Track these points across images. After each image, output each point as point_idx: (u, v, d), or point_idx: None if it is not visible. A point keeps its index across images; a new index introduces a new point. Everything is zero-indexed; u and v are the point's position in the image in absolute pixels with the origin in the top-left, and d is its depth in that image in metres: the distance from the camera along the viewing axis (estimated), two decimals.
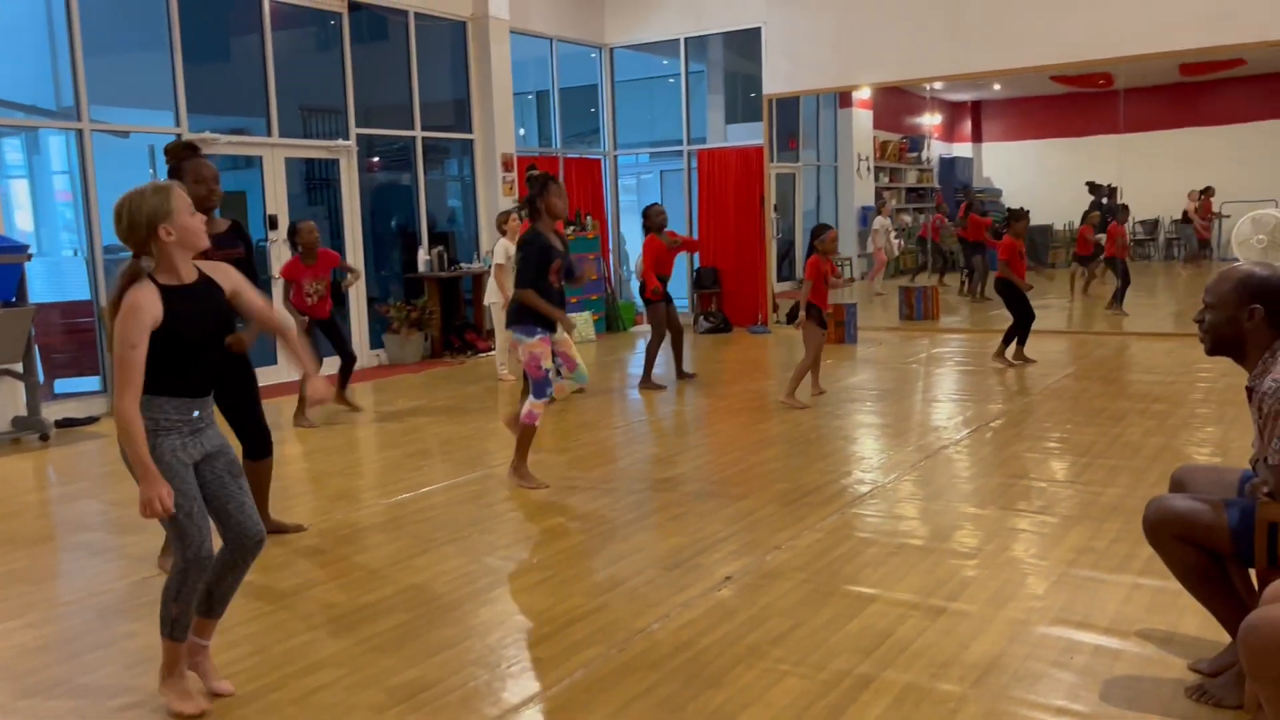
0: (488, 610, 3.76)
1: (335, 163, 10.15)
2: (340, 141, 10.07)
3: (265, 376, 9.27)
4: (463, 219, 12.03)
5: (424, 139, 10.93)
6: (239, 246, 4.48)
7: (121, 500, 5.50)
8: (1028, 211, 8.66)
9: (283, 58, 9.55)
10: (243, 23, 9.57)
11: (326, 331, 7.65)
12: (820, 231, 7.37)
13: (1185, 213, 12.76)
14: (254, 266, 4.58)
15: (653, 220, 8.42)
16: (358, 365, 8.18)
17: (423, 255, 10.82)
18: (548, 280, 5.24)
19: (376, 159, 11.23)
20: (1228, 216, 12.18)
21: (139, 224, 2.83)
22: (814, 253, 7.31)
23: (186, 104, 8.76)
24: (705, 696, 3.00)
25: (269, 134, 9.48)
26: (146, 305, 2.80)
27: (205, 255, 3.70)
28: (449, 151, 12.01)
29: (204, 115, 9.08)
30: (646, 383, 8.34)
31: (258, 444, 4.57)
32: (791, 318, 7.48)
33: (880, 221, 13.67)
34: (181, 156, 4.26)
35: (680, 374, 8.69)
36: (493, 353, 9.77)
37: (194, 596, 3.01)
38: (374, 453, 6.61)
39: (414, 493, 5.43)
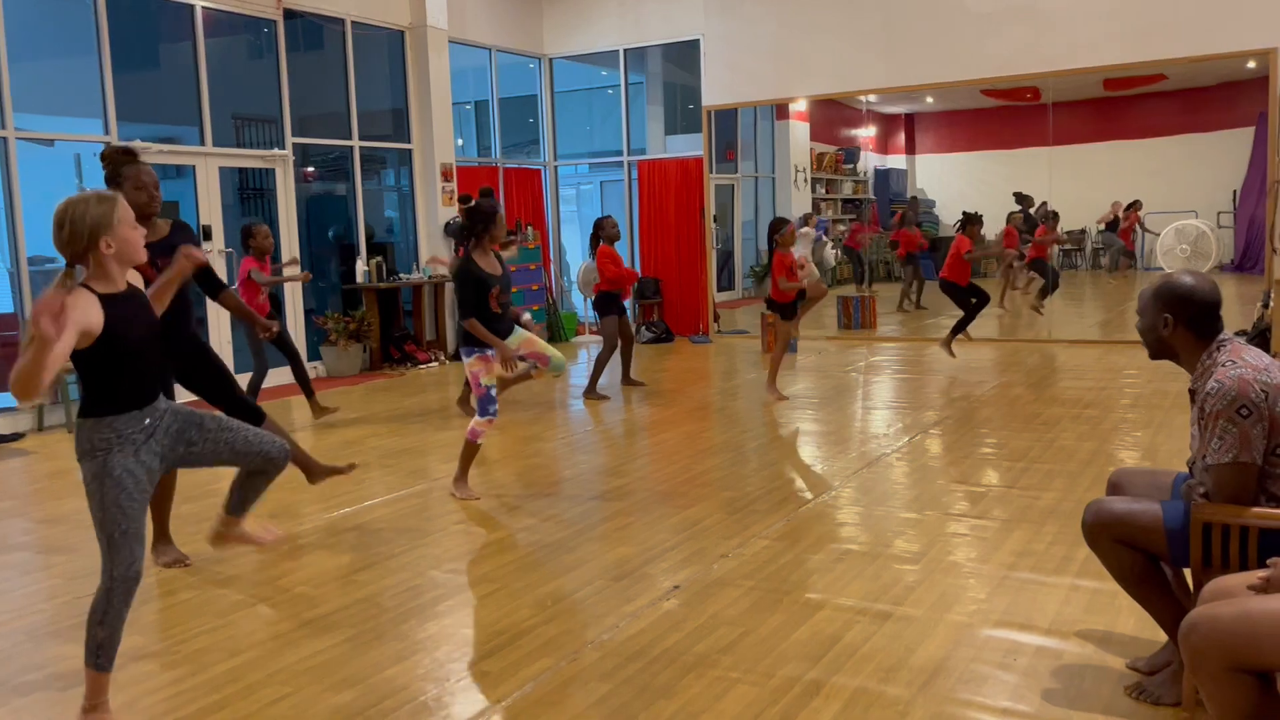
0: (435, 624, 3.72)
1: (270, 172, 10.00)
2: (276, 151, 9.92)
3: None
4: (401, 230, 11.92)
5: (361, 148, 10.82)
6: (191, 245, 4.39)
7: (50, 518, 5.34)
8: (980, 216, 9.04)
9: (216, 65, 9.38)
10: (174, 29, 9.38)
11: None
12: (779, 226, 7.47)
13: (1109, 221, 13.10)
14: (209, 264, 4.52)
15: (607, 231, 8.39)
16: (287, 380, 8.06)
17: (361, 266, 10.70)
18: (488, 307, 5.25)
19: (312, 169, 11.08)
20: (1152, 233, 12.58)
21: (80, 234, 2.77)
22: (775, 248, 7.45)
23: (116, 111, 8.55)
24: (657, 707, 3.00)
25: (202, 143, 9.30)
26: (82, 310, 2.73)
27: (156, 260, 3.70)
28: (386, 161, 11.90)
29: (134, 124, 8.88)
30: (591, 392, 8.33)
31: (250, 418, 4.40)
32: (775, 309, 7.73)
33: (806, 230, 13.83)
34: (120, 162, 4.17)
35: (627, 380, 8.71)
36: (433, 365, 9.69)
37: (121, 620, 2.91)
38: None
39: (355, 507, 5.36)
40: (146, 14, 9.51)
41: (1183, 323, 2.78)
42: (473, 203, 5.69)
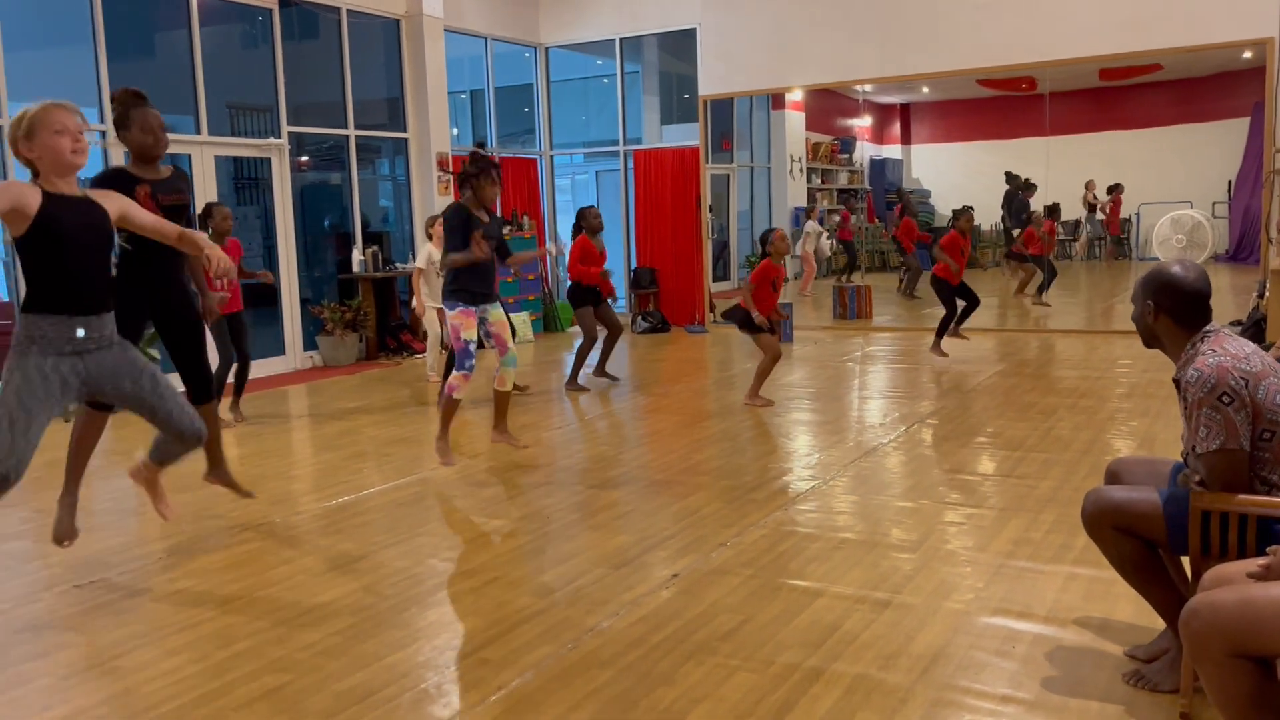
0: (434, 612, 3.73)
1: (266, 161, 9.97)
2: (271, 140, 9.89)
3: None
4: (396, 219, 11.90)
5: (357, 138, 10.79)
6: (183, 192, 4.49)
7: (48, 508, 5.32)
8: (970, 209, 8.94)
9: (211, 54, 9.35)
10: (169, 18, 9.34)
11: (232, 325, 7.06)
12: (768, 235, 7.31)
13: (1089, 204, 13.09)
14: (193, 216, 4.63)
15: (589, 222, 8.39)
16: (293, 367, 8.01)
17: (357, 255, 10.68)
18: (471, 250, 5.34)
19: (307, 158, 11.05)
20: (1128, 219, 12.62)
21: (9, 144, 3.10)
22: (765, 256, 7.24)
23: (111, 100, 8.51)
24: (657, 694, 3.01)
25: (198, 131, 9.27)
26: (20, 186, 2.98)
27: (156, 195, 3.98)
28: (381, 151, 11.87)
29: None
30: (572, 384, 8.30)
31: (200, 389, 4.57)
32: (732, 319, 7.39)
33: (811, 225, 13.85)
34: (128, 104, 4.34)
35: (600, 371, 8.64)
36: (426, 355, 9.67)
37: None
38: (310, 456, 6.50)
39: (353, 496, 5.36)
40: (142, 2, 9.46)
41: (1165, 311, 2.80)
42: (479, 150, 5.77)
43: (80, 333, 2.99)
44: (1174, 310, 2.79)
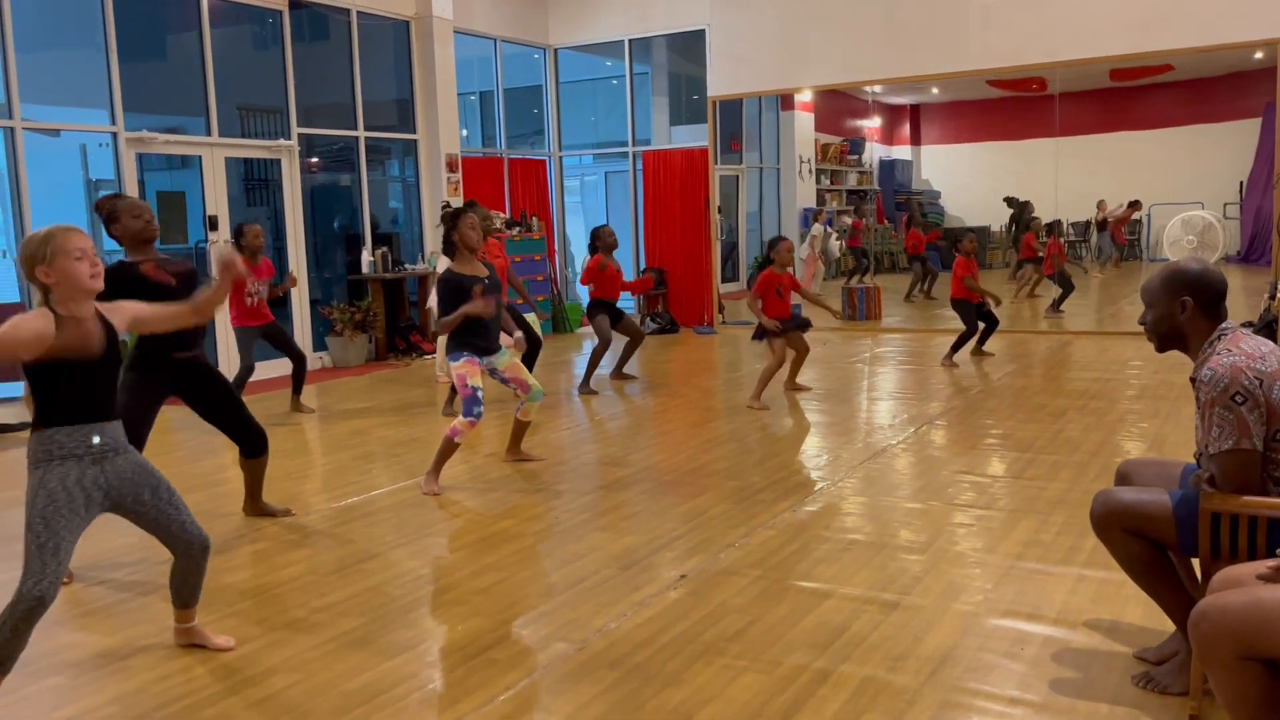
0: (443, 612, 3.74)
1: (276, 163, 10.00)
2: (282, 141, 9.92)
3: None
4: (406, 220, 11.92)
5: (367, 139, 10.82)
6: (188, 261, 4.71)
7: None
8: (972, 235, 9.03)
9: (222, 56, 9.39)
10: (180, 20, 9.39)
11: (271, 337, 7.58)
12: (775, 243, 7.38)
13: (1100, 221, 13.05)
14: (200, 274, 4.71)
15: (604, 240, 8.37)
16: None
17: (366, 256, 10.70)
18: (473, 320, 5.30)
19: (317, 159, 11.08)
20: (1138, 221, 12.58)
21: (21, 264, 3.03)
22: (769, 265, 7.31)
23: (122, 102, 8.56)
24: (665, 694, 3.01)
25: (208, 133, 9.30)
26: (35, 321, 2.93)
27: (163, 270, 4.04)
28: (391, 152, 11.89)
29: (140, 114, 8.88)
30: (584, 387, 8.29)
31: (251, 443, 4.76)
32: (759, 336, 7.47)
33: (816, 228, 13.82)
34: (112, 202, 4.45)
35: (617, 373, 8.70)
36: (438, 356, 9.69)
37: (19, 636, 2.93)
38: (320, 456, 6.52)
39: (362, 496, 5.37)
40: (152, 4, 9.50)
41: (1199, 305, 2.79)
42: (445, 209, 5.80)
43: (96, 439, 3.04)
44: (1206, 304, 2.79)
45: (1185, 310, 2.80)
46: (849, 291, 12.61)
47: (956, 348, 8.91)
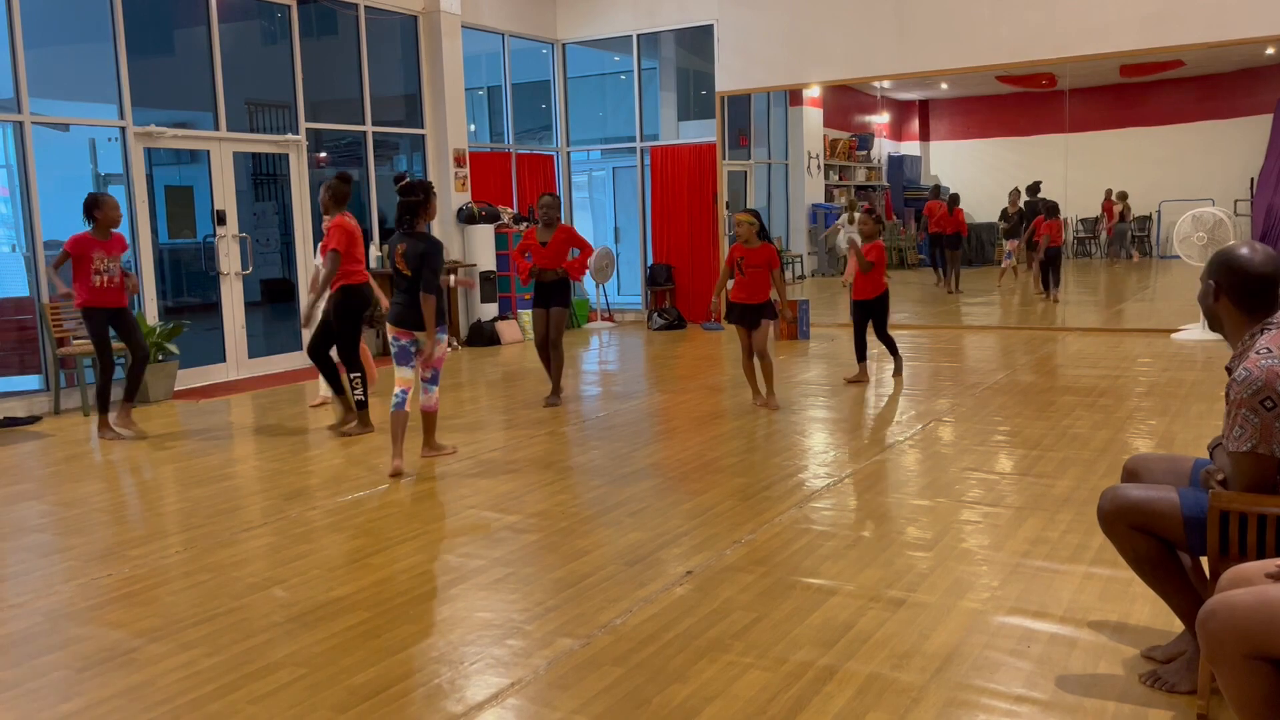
0: (448, 607, 3.74)
1: (284, 157, 10.01)
2: (290, 136, 9.93)
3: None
4: None
5: (374, 134, 10.82)
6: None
7: (67, 501, 5.37)
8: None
9: (230, 50, 9.39)
10: (188, 15, 9.39)
11: (117, 323, 6.82)
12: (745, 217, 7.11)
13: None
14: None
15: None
16: (309, 362, 8.01)
17: (374, 251, 10.70)
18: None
19: (324, 154, 11.09)
20: (1147, 217, 12.53)
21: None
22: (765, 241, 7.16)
23: (131, 97, 8.58)
24: (670, 691, 3.00)
25: (216, 128, 9.31)
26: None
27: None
28: (399, 147, 11.89)
29: (148, 109, 8.90)
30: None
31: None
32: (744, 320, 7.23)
33: (841, 225, 13.78)
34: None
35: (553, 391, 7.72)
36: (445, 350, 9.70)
37: None
38: (326, 451, 6.53)
39: (368, 491, 5.38)
40: None
41: (1226, 293, 2.72)
42: (406, 181, 5.89)
43: None
44: (1235, 293, 2.70)
45: (1213, 296, 2.76)
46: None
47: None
